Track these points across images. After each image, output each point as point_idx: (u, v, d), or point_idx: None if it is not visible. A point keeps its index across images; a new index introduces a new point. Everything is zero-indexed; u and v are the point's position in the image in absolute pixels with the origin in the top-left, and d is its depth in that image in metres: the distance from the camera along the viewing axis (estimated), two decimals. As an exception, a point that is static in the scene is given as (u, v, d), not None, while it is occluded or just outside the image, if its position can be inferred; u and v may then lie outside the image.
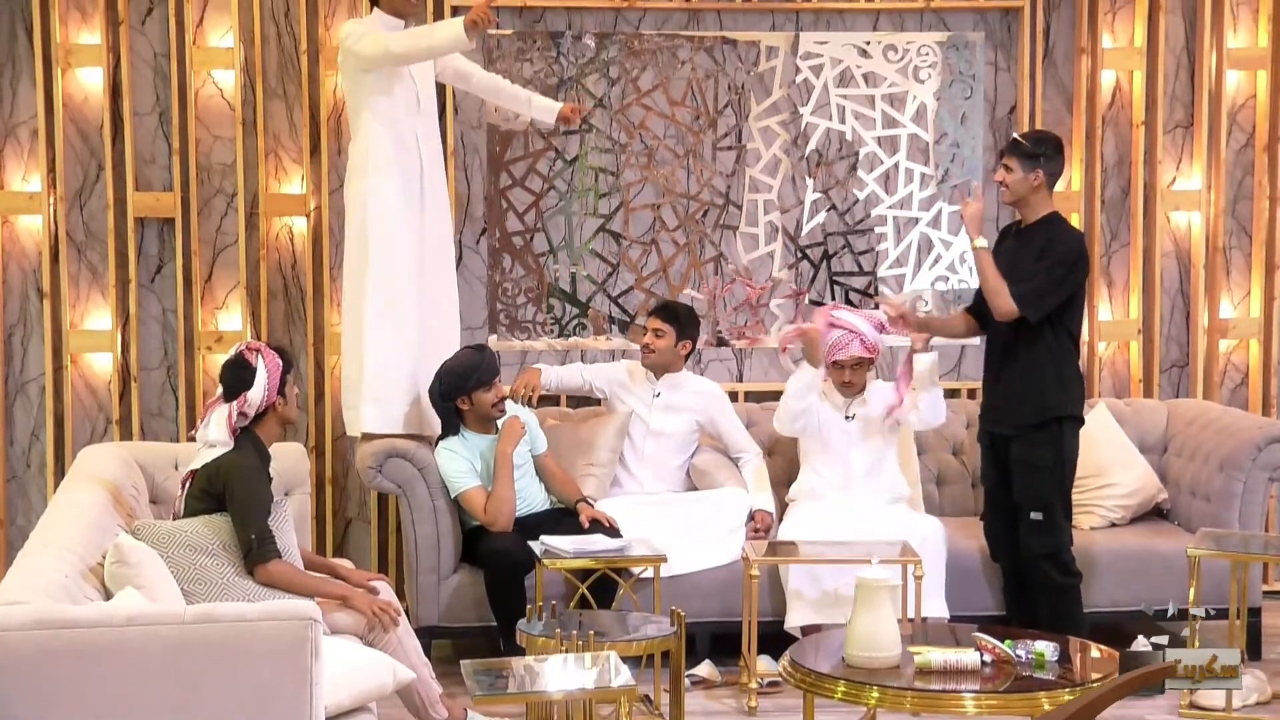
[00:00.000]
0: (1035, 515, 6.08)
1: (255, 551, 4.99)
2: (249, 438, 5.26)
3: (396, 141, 6.50)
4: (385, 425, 6.52)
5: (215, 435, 5.22)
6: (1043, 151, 6.08)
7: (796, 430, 6.67)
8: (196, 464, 5.27)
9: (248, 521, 5.02)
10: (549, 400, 7.22)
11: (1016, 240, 6.20)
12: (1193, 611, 5.88)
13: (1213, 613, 6.29)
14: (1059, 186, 7.50)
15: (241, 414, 5.22)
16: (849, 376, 6.58)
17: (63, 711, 3.90)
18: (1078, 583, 6.17)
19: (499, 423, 6.40)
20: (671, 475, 6.84)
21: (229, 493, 5.09)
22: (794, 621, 6.28)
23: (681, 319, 6.85)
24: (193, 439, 5.41)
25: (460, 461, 6.33)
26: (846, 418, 6.63)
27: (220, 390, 5.28)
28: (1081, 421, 6.21)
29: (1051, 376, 6.07)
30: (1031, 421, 6.07)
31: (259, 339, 7.19)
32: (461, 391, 6.34)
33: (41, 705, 3.88)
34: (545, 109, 6.80)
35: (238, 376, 5.23)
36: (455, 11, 7.18)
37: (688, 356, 6.94)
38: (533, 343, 7.38)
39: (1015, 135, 6.19)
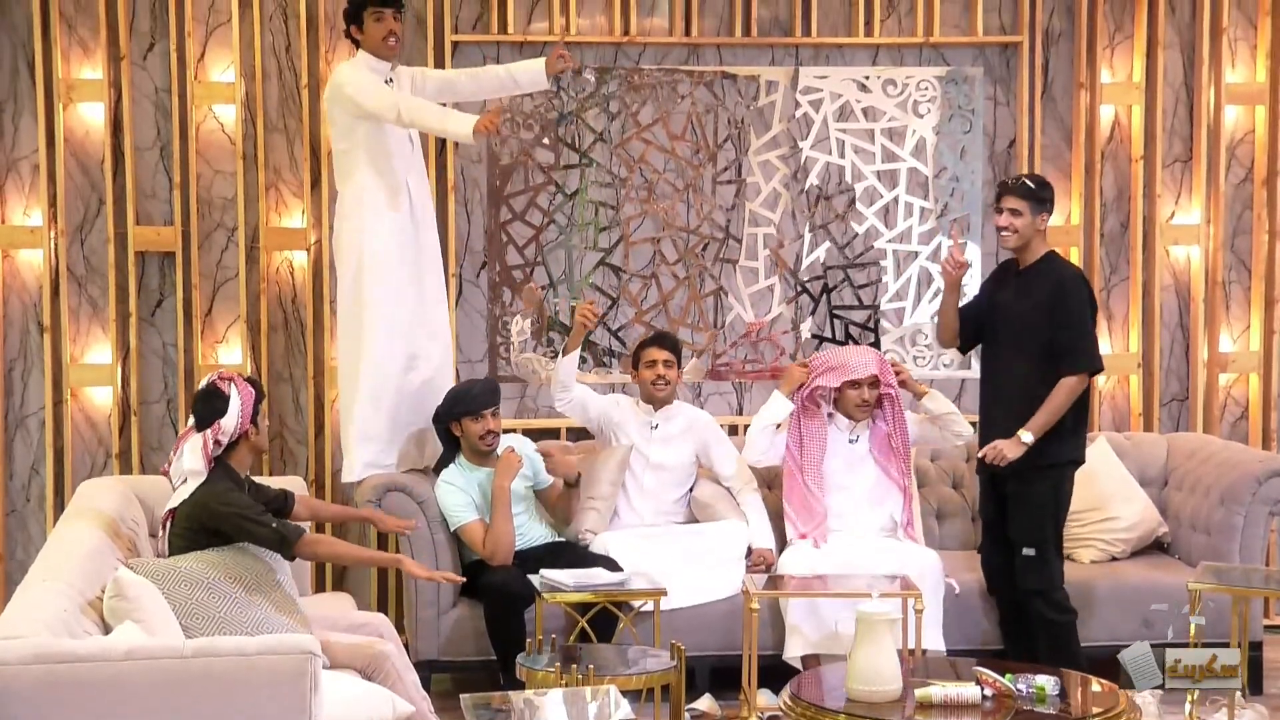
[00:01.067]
0: (1028, 551, 6.09)
1: (286, 536, 5.10)
2: (222, 467, 5.26)
3: (390, 184, 6.53)
4: (374, 468, 6.55)
5: (190, 465, 5.22)
6: (1047, 195, 6.11)
7: (763, 463, 6.71)
8: (174, 502, 5.25)
9: (257, 522, 5.10)
10: (549, 434, 7.22)
11: (1018, 283, 6.15)
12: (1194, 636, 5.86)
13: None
14: (1058, 221, 7.55)
15: (216, 442, 5.23)
16: (866, 394, 6.52)
17: (62, 745, 3.90)
18: (1073, 619, 6.16)
19: (498, 454, 6.41)
20: (672, 508, 6.83)
21: (221, 520, 5.10)
22: (793, 652, 6.27)
23: (679, 348, 6.86)
24: (165, 474, 5.39)
25: (459, 495, 6.33)
26: (850, 441, 6.61)
27: (191, 421, 5.29)
28: (1081, 463, 6.23)
29: (1061, 420, 6.06)
30: (1034, 464, 6.07)
31: (259, 373, 7.20)
32: (450, 416, 6.42)
33: (40, 740, 3.88)
34: (532, 76, 6.62)
35: (211, 406, 5.23)
36: (455, 47, 7.22)
37: None
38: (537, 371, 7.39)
39: (1022, 178, 6.15)
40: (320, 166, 7.22)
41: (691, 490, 6.89)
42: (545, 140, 7.37)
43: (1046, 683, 4.89)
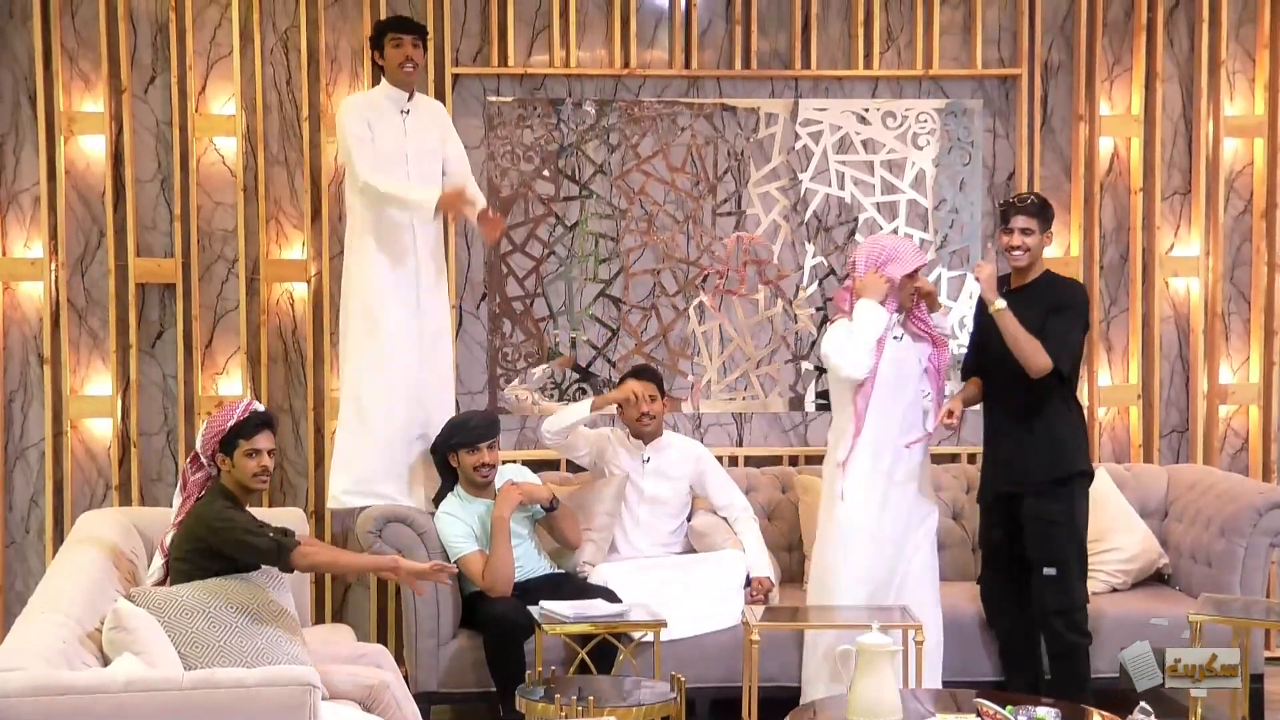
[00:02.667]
0: (1049, 571, 6.05)
1: (282, 545, 5.09)
2: (217, 489, 5.27)
3: (388, 221, 6.55)
4: (354, 496, 6.57)
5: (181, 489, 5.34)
6: (1051, 214, 6.17)
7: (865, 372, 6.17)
8: (170, 535, 5.26)
9: (254, 534, 5.10)
10: (548, 465, 7.22)
11: (1015, 298, 6.11)
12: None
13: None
14: (1058, 253, 7.56)
15: (192, 460, 5.32)
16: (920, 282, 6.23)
17: (60, 778, 3.89)
18: (1087, 643, 6.14)
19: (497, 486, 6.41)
20: (668, 539, 6.82)
21: (215, 535, 5.10)
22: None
23: (660, 379, 6.85)
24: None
25: (459, 525, 6.33)
26: (895, 338, 6.20)
27: None
28: (1091, 477, 6.22)
29: (1065, 432, 6.09)
30: (1045, 478, 6.07)
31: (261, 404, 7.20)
32: (447, 447, 6.43)
33: (38, 771, 3.87)
34: (420, 203, 6.53)
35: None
36: (456, 79, 7.24)
37: None
38: (543, 402, 7.38)
39: (1030, 197, 6.16)
40: (320, 198, 7.23)
41: (688, 520, 6.88)
42: (545, 172, 7.39)
43: (1048, 714, 4.87)
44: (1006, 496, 6.18)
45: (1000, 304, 6.05)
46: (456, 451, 6.41)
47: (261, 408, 5.34)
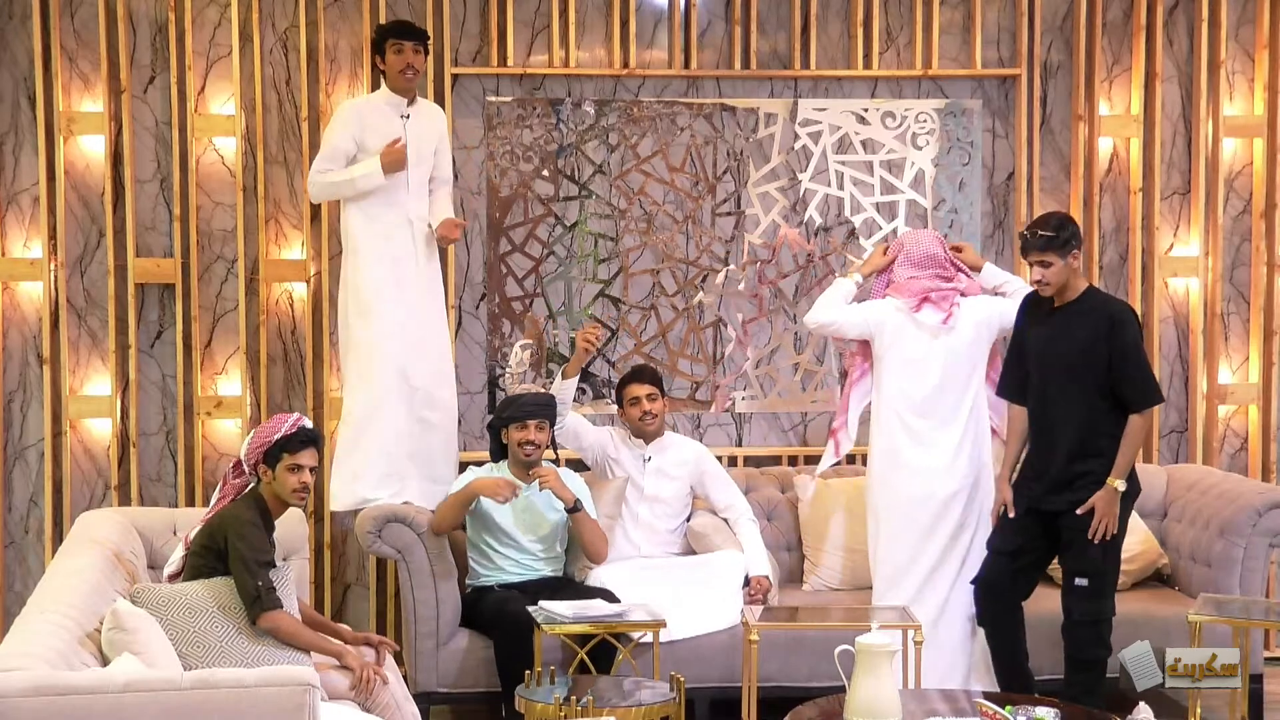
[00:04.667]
0: (1080, 582, 5.91)
1: (262, 599, 5.03)
2: (253, 497, 5.30)
3: (383, 224, 6.57)
4: (355, 498, 6.58)
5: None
6: (1069, 234, 5.91)
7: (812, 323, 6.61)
8: (195, 530, 5.29)
9: (251, 570, 5.06)
10: (550, 463, 7.20)
11: (1057, 321, 5.97)
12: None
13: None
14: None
15: (234, 465, 5.38)
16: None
17: (59, 778, 3.88)
18: (1105, 657, 5.99)
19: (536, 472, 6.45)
20: (668, 539, 6.82)
21: (230, 545, 5.12)
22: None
23: (660, 379, 6.86)
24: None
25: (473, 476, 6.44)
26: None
27: None
28: (1136, 494, 6.09)
29: (1111, 452, 5.92)
30: (1085, 495, 5.91)
31: (258, 405, 7.21)
32: (499, 420, 6.50)
33: (38, 772, 3.87)
34: (366, 175, 6.59)
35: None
36: (455, 80, 7.24)
37: None
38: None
39: (1038, 230, 5.92)
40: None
41: (688, 521, 6.89)
42: (545, 172, 7.39)
43: (1047, 714, 4.87)
44: (1045, 513, 6.01)
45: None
46: (507, 426, 6.44)
47: (310, 424, 5.36)
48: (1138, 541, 6.91)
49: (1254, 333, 7.72)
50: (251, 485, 5.35)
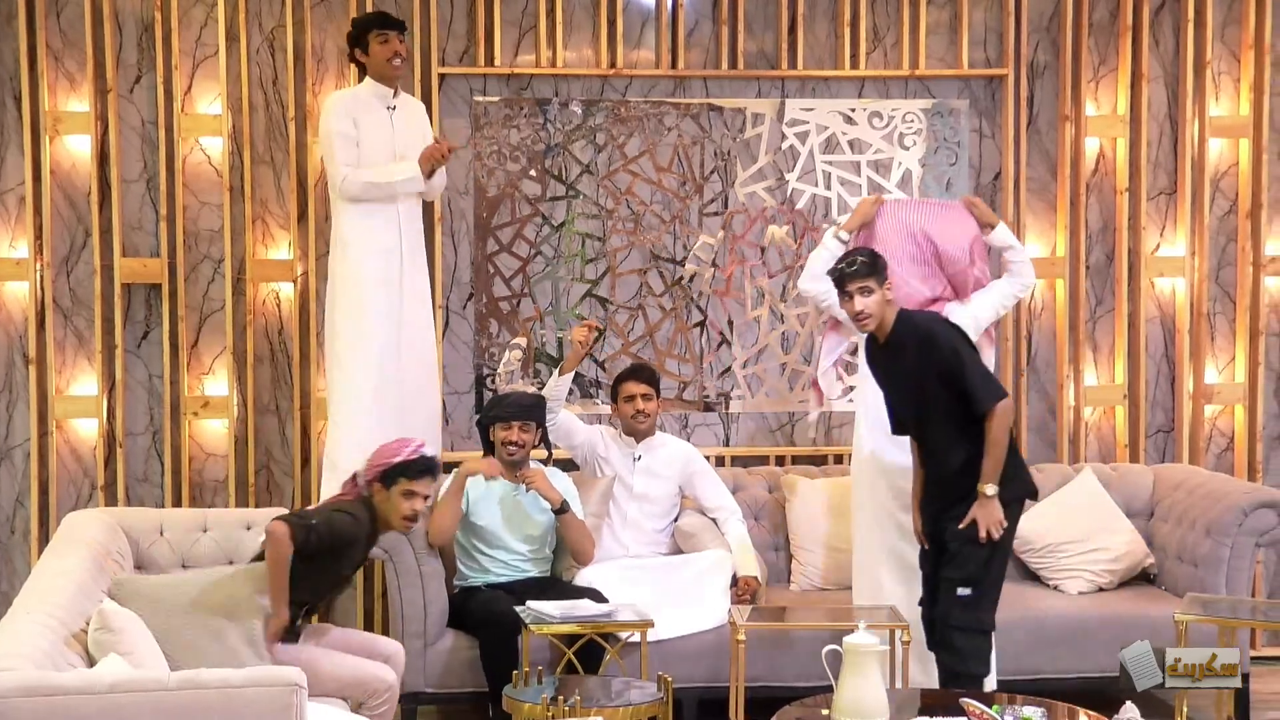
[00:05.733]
0: (964, 591, 5.77)
1: (289, 629, 5.17)
2: (364, 503, 5.40)
3: (373, 224, 6.55)
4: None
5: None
6: (881, 262, 5.78)
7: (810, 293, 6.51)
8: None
9: (304, 584, 5.18)
10: (539, 463, 7.20)
11: (886, 355, 5.89)
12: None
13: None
14: (1044, 253, 7.58)
15: (353, 479, 5.49)
16: None
17: (46, 779, 3.88)
18: (984, 676, 5.85)
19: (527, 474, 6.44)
20: (655, 538, 6.83)
21: (313, 536, 5.16)
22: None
23: (657, 379, 6.87)
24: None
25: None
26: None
27: None
28: (1023, 498, 5.92)
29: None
30: (969, 506, 5.78)
31: (245, 404, 7.20)
32: (485, 417, 6.50)
33: (24, 772, 3.86)
34: (407, 178, 6.61)
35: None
36: (443, 79, 7.24)
37: None
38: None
39: (856, 258, 5.78)
40: (307, 198, 7.23)
41: (675, 520, 6.89)
42: (532, 172, 7.39)
43: (1033, 714, 4.88)
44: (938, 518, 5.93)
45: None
46: (494, 424, 6.44)
47: (432, 454, 5.47)
48: (1124, 541, 6.93)
49: (1240, 332, 7.74)
50: (364, 497, 5.43)
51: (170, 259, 7.19)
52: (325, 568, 5.29)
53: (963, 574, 5.79)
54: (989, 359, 6.41)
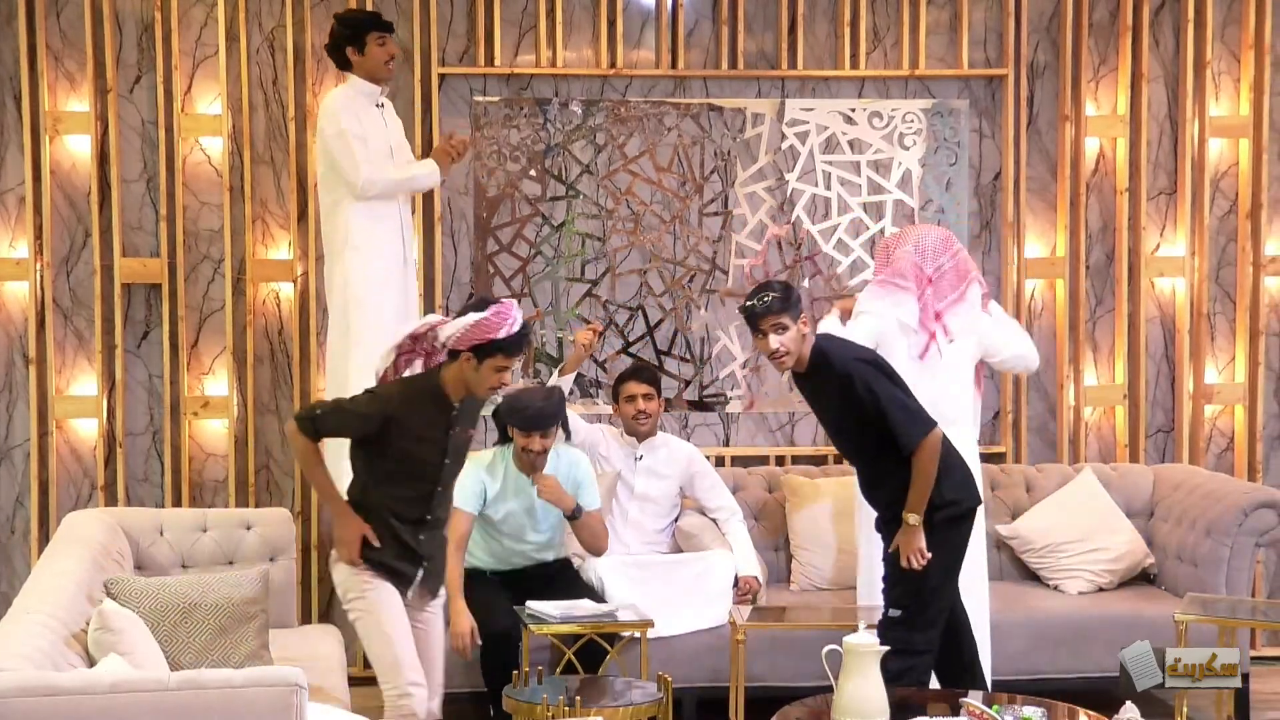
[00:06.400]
0: (894, 612, 5.62)
1: (300, 414, 5.19)
2: (425, 376, 5.23)
3: (377, 220, 6.54)
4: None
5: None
6: (795, 295, 5.53)
7: None
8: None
9: (338, 409, 5.17)
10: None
11: (810, 390, 5.69)
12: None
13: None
14: (1044, 253, 7.57)
15: (417, 337, 5.24)
16: None
17: (46, 779, 3.88)
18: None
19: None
20: (656, 538, 6.83)
21: (363, 393, 5.19)
22: None
23: (658, 380, 6.86)
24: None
25: (474, 482, 6.23)
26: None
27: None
28: (963, 513, 5.68)
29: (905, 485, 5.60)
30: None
31: (245, 405, 7.19)
32: (504, 415, 6.32)
33: (24, 773, 3.86)
34: (428, 174, 6.68)
35: (472, 304, 5.20)
36: (442, 79, 7.24)
37: None
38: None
39: (766, 294, 5.51)
40: (307, 198, 7.22)
41: (676, 521, 6.89)
42: (532, 172, 7.39)
43: (1034, 714, 4.88)
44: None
45: (915, 533, 5.63)
46: (515, 429, 6.29)
47: (526, 329, 5.20)
48: (1124, 541, 6.93)
49: (1240, 333, 7.74)
50: (437, 365, 5.22)
51: (170, 259, 7.18)
52: (388, 452, 5.15)
53: (892, 595, 5.64)
54: (976, 403, 6.36)
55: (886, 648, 4.98)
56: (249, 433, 7.23)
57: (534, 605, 6.01)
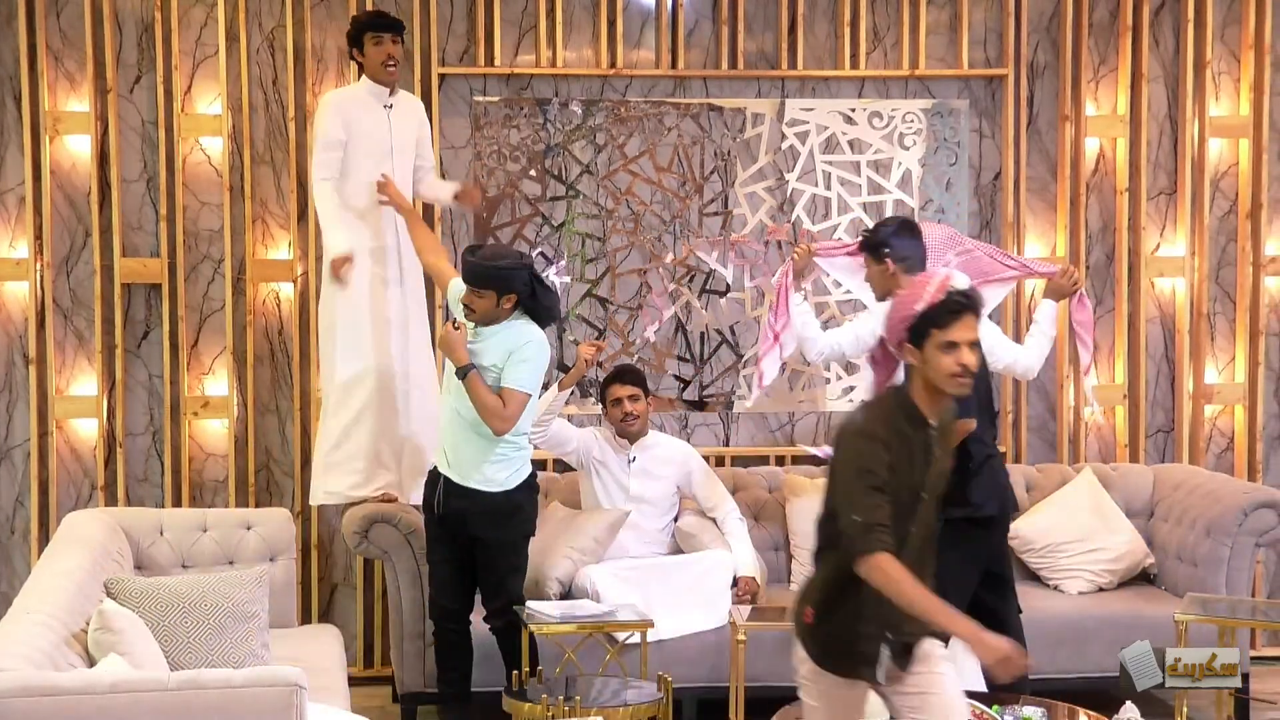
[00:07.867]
0: None
1: (859, 539, 4.05)
2: (898, 397, 4.19)
3: (365, 224, 6.55)
4: (334, 497, 6.58)
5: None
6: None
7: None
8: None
9: (854, 493, 4.08)
10: (538, 464, 7.20)
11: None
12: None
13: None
14: (1044, 253, 7.57)
15: (880, 351, 4.24)
16: None
17: (46, 779, 3.88)
18: None
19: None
20: (655, 538, 6.83)
21: (834, 462, 4.20)
22: None
23: (644, 379, 6.85)
24: None
25: (539, 368, 5.95)
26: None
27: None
28: (972, 522, 5.64)
29: None
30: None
31: (245, 405, 7.19)
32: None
33: (24, 773, 3.86)
34: (330, 246, 6.57)
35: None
36: (443, 79, 7.24)
37: None
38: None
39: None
40: (307, 198, 7.21)
41: (675, 520, 6.89)
42: (532, 172, 7.39)
43: (1033, 714, 4.89)
44: None
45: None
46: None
47: (964, 284, 4.24)
48: (1124, 541, 6.93)
49: (1240, 333, 7.74)
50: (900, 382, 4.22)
51: (170, 259, 7.18)
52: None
53: None
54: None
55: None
56: (249, 433, 7.23)
57: (534, 605, 6.01)
